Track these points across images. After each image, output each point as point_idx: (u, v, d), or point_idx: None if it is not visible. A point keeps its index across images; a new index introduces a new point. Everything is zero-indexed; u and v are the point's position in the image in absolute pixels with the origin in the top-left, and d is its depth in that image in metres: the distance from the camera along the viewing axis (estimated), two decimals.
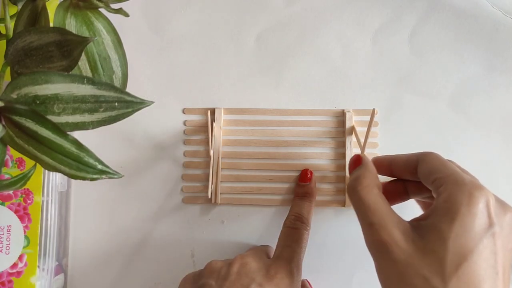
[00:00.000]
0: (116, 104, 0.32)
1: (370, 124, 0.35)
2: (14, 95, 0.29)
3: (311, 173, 0.39)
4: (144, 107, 0.32)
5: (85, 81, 0.30)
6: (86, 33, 0.31)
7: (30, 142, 0.29)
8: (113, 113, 0.32)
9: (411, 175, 0.32)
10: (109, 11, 0.32)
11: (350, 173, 0.33)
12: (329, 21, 0.42)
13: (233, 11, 0.42)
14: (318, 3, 0.42)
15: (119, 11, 0.31)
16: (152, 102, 0.32)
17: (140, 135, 0.41)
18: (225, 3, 0.42)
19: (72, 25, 0.31)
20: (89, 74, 0.31)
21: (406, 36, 0.41)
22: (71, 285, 0.41)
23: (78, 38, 0.29)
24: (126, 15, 0.31)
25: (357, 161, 0.32)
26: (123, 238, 0.41)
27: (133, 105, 0.33)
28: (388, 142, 0.41)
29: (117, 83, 0.32)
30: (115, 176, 0.31)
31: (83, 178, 0.30)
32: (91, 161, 0.30)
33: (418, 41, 0.41)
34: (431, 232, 0.26)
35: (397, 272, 0.26)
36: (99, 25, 0.32)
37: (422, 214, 0.28)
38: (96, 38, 0.31)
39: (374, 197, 0.29)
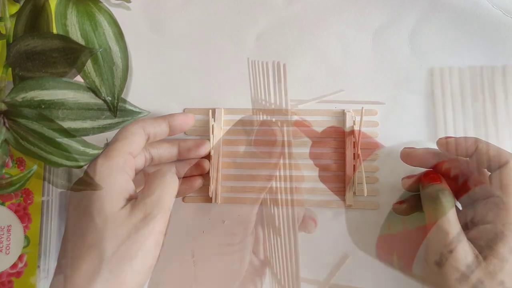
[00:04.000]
0: (117, 112, 0.33)
1: (360, 123, 0.37)
2: (19, 99, 0.29)
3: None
4: (142, 117, 0.35)
5: (89, 90, 0.31)
6: (87, 25, 0.31)
7: (36, 144, 0.30)
8: (114, 120, 0.33)
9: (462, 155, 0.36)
10: (109, 4, 0.32)
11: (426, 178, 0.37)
12: (329, 21, 0.42)
13: (233, 11, 0.42)
14: (318, 3, 0.42)
15: (120, 5, 0.32)
16: (149, 113, 0.35)
17: None
18: (225, 3, 0.42)
19: (73, 15, 0.31)
20: (89, 65, 0.31)
21: (406, 36, 0.41)
22: None
23: (83, 48, 0.30)
24: (128, 8, 0.32)
25: (438, 179, 0.36)
26: None
27: (133, 114, 0.35)
28: (388, 142, 0.40)
29: (117, 75, 0.32)
30: None
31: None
32: (97, 153, 0.32)
33: (418, 41, 0.41)
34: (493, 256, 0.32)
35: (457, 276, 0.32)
36: (100, 17, 0.32)
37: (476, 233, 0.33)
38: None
39: (454, 215, 0.34)
